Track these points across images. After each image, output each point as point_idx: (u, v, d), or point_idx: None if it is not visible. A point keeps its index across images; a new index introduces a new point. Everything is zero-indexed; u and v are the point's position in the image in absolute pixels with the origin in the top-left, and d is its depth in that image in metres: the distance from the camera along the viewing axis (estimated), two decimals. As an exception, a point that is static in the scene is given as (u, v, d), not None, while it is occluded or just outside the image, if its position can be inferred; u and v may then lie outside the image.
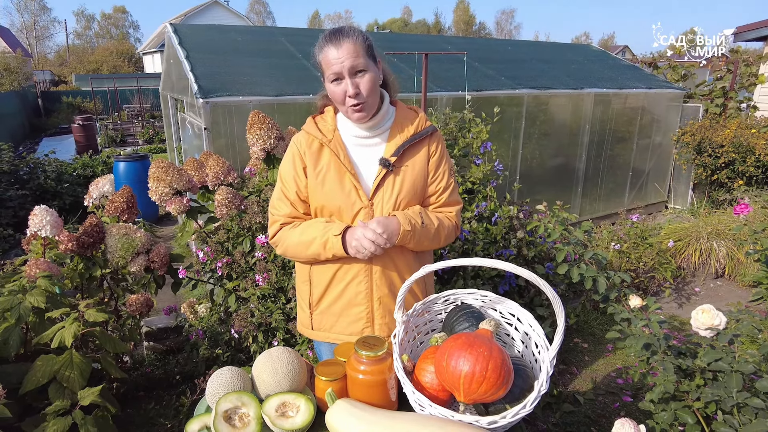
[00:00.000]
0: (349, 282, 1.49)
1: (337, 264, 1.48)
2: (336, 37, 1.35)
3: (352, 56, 1.33)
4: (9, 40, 28.02)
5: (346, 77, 1.34)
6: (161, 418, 2.52)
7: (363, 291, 1.49)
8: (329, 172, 1.45)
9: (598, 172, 5.90)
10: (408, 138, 1.46)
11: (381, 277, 1.48)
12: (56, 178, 6.31)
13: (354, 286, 1.49)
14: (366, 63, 1.35)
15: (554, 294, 1.04)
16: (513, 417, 1.02)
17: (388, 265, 1.48)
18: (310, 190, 1.48)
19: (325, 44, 1.36)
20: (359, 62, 1.34)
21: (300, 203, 1.50)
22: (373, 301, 1.50)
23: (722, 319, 1.61)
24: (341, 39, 1.34)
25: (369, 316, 1.51)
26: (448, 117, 3.64)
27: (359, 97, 1.35)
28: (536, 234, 2.96)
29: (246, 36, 5.62)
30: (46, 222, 2.28)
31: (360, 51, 1.34)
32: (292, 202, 1.50)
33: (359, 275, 1.48)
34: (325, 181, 1.45)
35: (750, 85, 6.66)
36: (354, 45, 1.34)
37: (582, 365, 3.22)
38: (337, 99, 1.39)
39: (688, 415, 1.58)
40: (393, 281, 1.50)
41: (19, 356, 1.85)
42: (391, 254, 1.47)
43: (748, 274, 4.27)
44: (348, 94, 1.35)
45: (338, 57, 1.33)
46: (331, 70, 1.35)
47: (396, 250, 1.47)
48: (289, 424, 1.14)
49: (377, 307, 1.50)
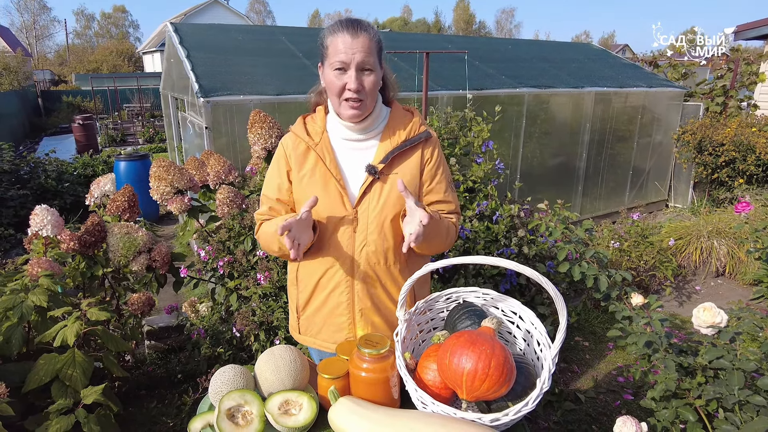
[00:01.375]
0: (332, 291, 1.44)
1: (321, 270, 1.44)
2: (354, 27, 1.28)
3: (365, 51, 1.27)
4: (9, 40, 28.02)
5: (352, 70, 1.27)
6: (163, 416, 2.53)
7: (344, 302, 1.44)
8: (314, 176, 1.39)
9: (598, 170, 5.90)
10: (399, 144, 1.38)
11: (362, 290, 1.42)
12: (57, 177, 6.32)
13: (336, 296, 1.44)
14: (374, 63, 1.30)
15: (556, 291, 1.04)
16: (515, 414, 1.02)
17: (370, 277, 1.42)
18: (295, 193, 1.43)
19: (341, 29, 1.28)
20: (369, 60, 1.28)
21: (280, 205, 1.45)
22: (354, 312, 1.45)
23: (723, 317, 1.61)
24: (359, 30, 1.28)
25: (351, 327, 1.46)
26: (449, 116, 3.64)
27: (360, 94, 1.30)
28: (537, 232, 2.96)
29: (246, 35, 5.61)
30: (48, 221, 2.29)
31: (373, 49, 1.29)
32: (272, 203, 1.46)
33: (341, 285, 1.43)
34: (309, 185, 1.39)
35: (750, 84, 6.66)
36: (370, 41, 1.28)
37: (583, 364, 3.22)
38: (334, 89, 1.31)
39: (690, 413, 1.58)
40: (376, 294, 1.44)
41: (21, 355, 1.86)
42: (374, 267, 1.41)
43: (749, 272, 4.27)
44: (349, 87, 1.28)
45: (351, 47, 1.26)
46: (338, 57, 1.27)
47: (380, 264, 1.42)
48: (292, 422, 1.14)
49: (359, 319, 1.45)
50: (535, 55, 6.69)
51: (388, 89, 1.46)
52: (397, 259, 1.43)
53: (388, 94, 1.46)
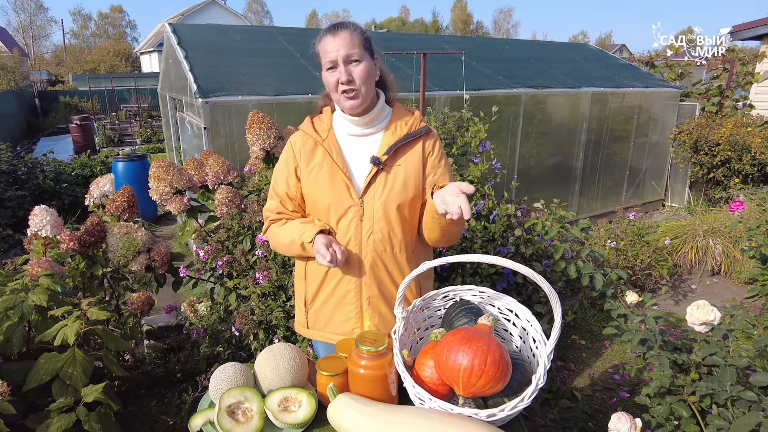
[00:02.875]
0: (340, 280, 1.50)
1: None
2: (334, 28, 1.39)
3: (347, 45, 1.36)
4: (5, 40, 27.92)
5: (340, 65, 1.36)
6: (163, 415, 2.54)
7: (352, 290, 1.49)
8: (322, 169, 1.47)
9: (595, 170, 5.93)
10: (401, 137, 1.46)
11: (370, 277, 1.48)
12: (55, 178, 6.31)
13: (344, 285, 1.50)
14: (361, 54, 1.38)
15: (551, 289, 1.06)
16: (511, 410, 1.04)
17: (378, 265, 1.48)
18: (303, 187, 1.51)
19: (324, 35, 1.40)
20: (354, 52, 1.36)
21: (288, 201, 1.54)
22: (362, 300, 1.50)
23: (717, 315, 1.63)
24: (339, 29, 1.38)
25: (358, 315, 1.51)
26: (447, 116, 3.66)
27: (351, 84, 1.37)
28: (534, 232, 2.98)
29: (245, 36, 5.62)
30: (47, 222, 2.30)
31: (356, 42, 1.37)
32: (281, 200, 1.55)
33: (349, 273, 1.49)
34: (317, 178, 1.47)
35: (746, 84, 6.69)
36: (351, 35, 1.37)
37: (580, 362, 3.24)
38: (331, 86, 1.41)
39: (684, 409, 1.60)
40: (383, 282, 1.49)
41: (22, 354, 1.87)
42: (381, 255, 1.47)
43: (744, 271, 4.30)
44: (340, 80, 1.37)
45: (334, 45, 1.36)
46: (327, 58, 1.38)
47: (387, 252, 1.47)
48: (292, 419, 1.16)
49: (366, 307, 1.50)
50: (532, 56, 6.72)
51: (388, 90, 1.53)
52: (402, 247, 1.49)
53: (388, 94, 1.54)
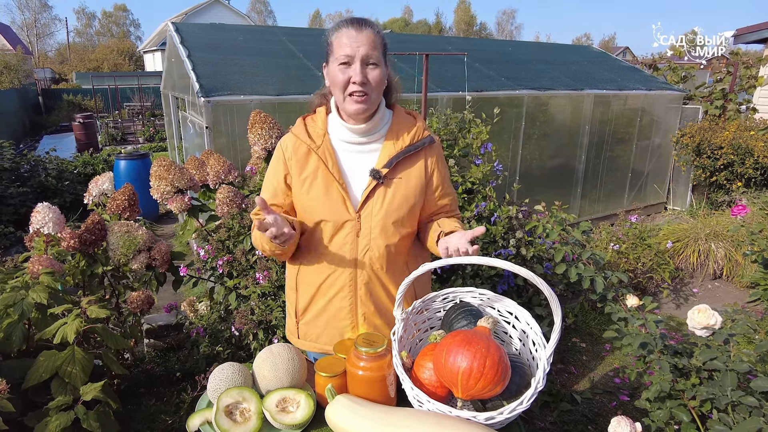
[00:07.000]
0: (333, 296, 1.42)
1: (323, 275, 1.42)
2: (359, 22, 1.29)
3: (370, 45, 1.27)
4: (9, 38, 27.99)
5: (357, 63, 1.26)
6: (162, 414, 2.54)
7: (347, 306, 1.42)
8: (316, 179, 1.37)
9: (597, 173, 5.92)
10: (403, 149, 1.37)
11: (365, 294, 1.41)
12: (57, 175, 6.32)
13: (338, 301, 1.42)
14: (379, 58, 1.29)
15: (551, 292, 1.06)
16: (510, 413, 1.04)
17: (374, 282, 1.41)
18: (295, 198, 1.42)
19: (345, 25, 1.29)
20: (374, 54, 1.28)
21: (275, 208, 1.42)
22: (357, 316, 1.43)
23: (718, 319, 1.62)
24: (363, 25, 1.29)
25: (354, 331, 1.45)
26: (449, 117, 3.65)
27: (366, 87, 1.27)
28: (535, 234, 2.98)
29: (247, 35, 5.63)
30: (49, 219, 2.30)
31: (378, 45, 1.29)
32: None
33: (343, 290, 1.41)
34: (311, 189, 1.37)
35: (749, 87, 6.68)
36: (375, 36, 1.29)
37: (580, 365, 3.24)
38: (338, 83, 1.29)
39: (684, 414, 1.60)
40: (379, 298, 1.43)
41: (21, 352, 1.87)
42: (377, 272, 1.40)
43: (746, 275, 4.29)
44: (354, 80, 1.26)
45: (356, 40, 1.26)
46: (343, 51, 1.26)
47: (383, 269, 1.41)
48: (290, 419, 1.16)
49: (361, 323, 1.44)
50: (535, 57, 6.71)
51: (391, 92, 1.45)
52: (400, 261, 1.44)
53: (390, 97, 1.45)
